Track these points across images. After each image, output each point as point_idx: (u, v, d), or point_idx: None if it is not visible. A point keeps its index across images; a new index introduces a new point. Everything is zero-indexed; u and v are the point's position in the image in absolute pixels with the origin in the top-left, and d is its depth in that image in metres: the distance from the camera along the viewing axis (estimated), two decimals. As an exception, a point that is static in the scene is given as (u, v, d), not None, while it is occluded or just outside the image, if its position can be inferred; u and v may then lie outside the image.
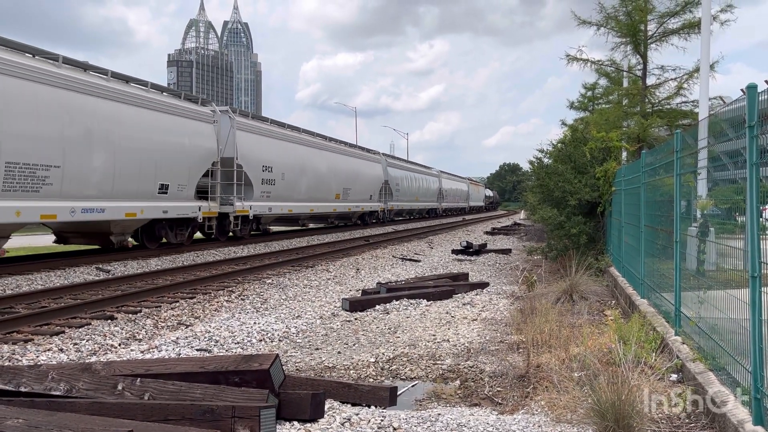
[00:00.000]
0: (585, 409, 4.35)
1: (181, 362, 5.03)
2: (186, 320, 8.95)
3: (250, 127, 22.22)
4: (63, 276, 13.10)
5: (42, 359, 6.71)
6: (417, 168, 49.48)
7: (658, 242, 7.45)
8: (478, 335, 8.01)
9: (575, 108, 27.06)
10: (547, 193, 15.68)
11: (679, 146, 6.34)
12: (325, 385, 5.16)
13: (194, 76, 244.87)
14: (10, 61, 12.57)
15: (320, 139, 29.88)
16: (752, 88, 3.89)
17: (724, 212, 5.62)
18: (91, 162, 14.53)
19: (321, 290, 12.02)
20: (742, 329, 4.11)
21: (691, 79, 15.73)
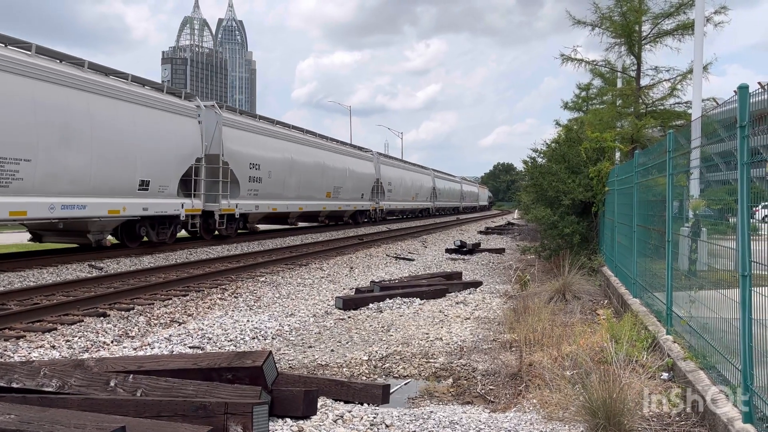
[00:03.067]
0: (576, 406, 4.38)
1: (174, 359, 5.02)
2: (179, 318, 8.94)
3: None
4: (55, 273, 13.05)
5: (34, 356, 6.69)
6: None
7: (650, 242, 7.49)
8: (471, 334, 8.03)
9: (569, 108, 27.14)
10: (541, 193, 15.72)
11: (672, 146, 6.37)
12: (318, 382, 5.17)
13: (189, 74, 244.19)
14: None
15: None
16: (743, 89, 3.92)
17: (716, 213, 5.65)
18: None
19: (314, 288, 12.02)
20: (732, 328, 4.14)
21: (684, 80, 15.79)
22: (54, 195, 13.61)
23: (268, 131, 24.37)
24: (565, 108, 27.12)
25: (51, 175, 13.48)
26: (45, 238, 16.35)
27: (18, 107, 12.70)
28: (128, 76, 16.86)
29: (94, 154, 14.70)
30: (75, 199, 14.18)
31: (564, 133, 18.97)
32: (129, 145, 15.98)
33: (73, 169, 14.13)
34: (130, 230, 17.22)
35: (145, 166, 16.62)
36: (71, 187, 14.12)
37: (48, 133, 13.39)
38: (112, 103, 15.50)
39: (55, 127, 13.59)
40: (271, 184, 23.50)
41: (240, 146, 21.42)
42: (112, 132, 15.35)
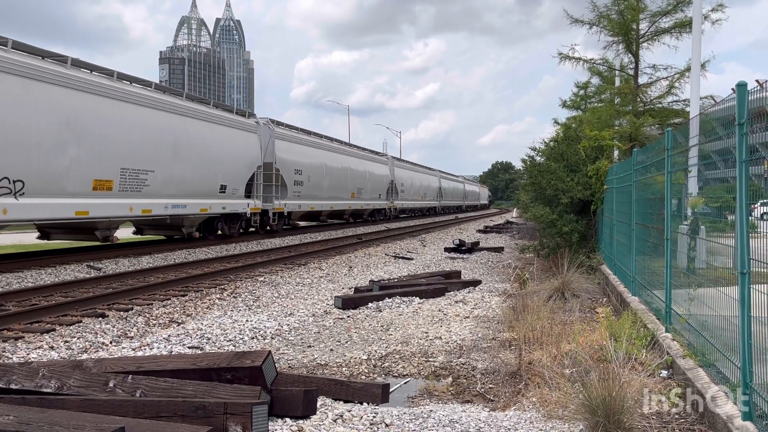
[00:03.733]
0: (576, 405, 4.37)
1: (173, 359, 5.01)
2: (178, 318, 8.93)
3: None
4: (54, 274, 13.04)
5: (33, 357, 6.68)
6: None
7: (649, 240, 7.49)
8: (471, 332, 8.03)
9: (567, 107, 27.11)
10: (540, 192, 15.73)
11: (670, 144, 6.37)
12: (318, 382, 5.17)
13: (186, 74, 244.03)
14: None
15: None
16: (742, 86, 3.92)
17: (714, 210, 5.66)
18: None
19: (314, 288, 12.02)
20: (731, 326, 4.15)
21: (682, 78, 15.80)
22: (167, 197, 17.64)
23: (307, 141, 28.25)
24: (563, 106, 27.08)
25: (165, 182, 17.46)
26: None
27: (149, 131, 16.80)
28: (210, 101, 21.73)
29: (191, 165, 18.73)
30: (179, 200, 18.20)
31: (562, 132, 18.97)
32: (213, 157, 19.95)
33: (178, 177, 18.11)
34: (210, 225, 21.16)
35: (223, 174, 20.60)
36: (177, 191, 18.09)
37: (164, 150, 17.45)
38: (201, 124, 19.70)
39: (168, 146, 17.67)
40: (309, 186, 27.40)
41: (287, 155, 25.35)
42: (202, 147, 19.44)
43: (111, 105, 15.43)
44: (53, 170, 13.79)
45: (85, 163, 14.60)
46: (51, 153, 13.71)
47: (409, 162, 52.33)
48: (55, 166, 13.82)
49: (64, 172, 14.06)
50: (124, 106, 15.89)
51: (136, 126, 16.24)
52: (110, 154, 15.33)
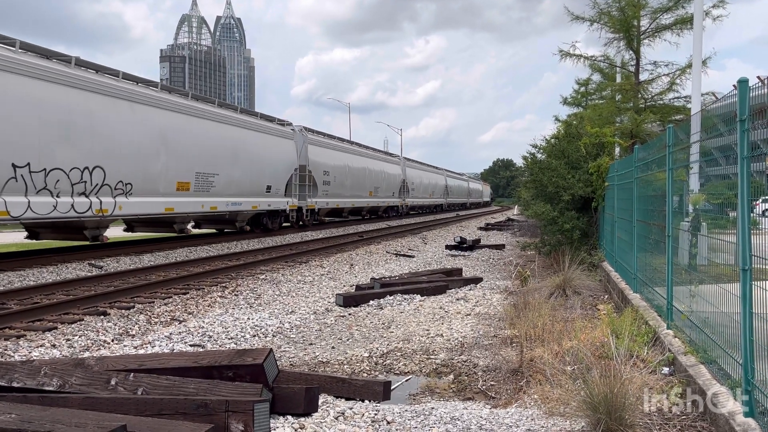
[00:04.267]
0: (577, 402, 4.37)
1: (175, 357, 5.02)
2: (179, 316, 8.94)
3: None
4: (55, 272, 13.05)
5: (34, 355, 6.68)
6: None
7: (650, 237, 7.49)
8: (472, 330, 8.03)
9: (568, 104, 27.08)
10: (541, 189, 15.72)
11: (671, 141, 6.36)
12: (319, 379, 5.17)
13: (187, 72, 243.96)
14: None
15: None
16: (743, 83, 3.91)
17: (716, 207, 5.64)
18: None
19: (315, 286, 12.02)
20: (733, 322, 4.14)
21: (683, 74, 15.79)
22: (227, 196, 21.09)
23: (332, 145, 32.08)
24: (564, 103, 27.06)
25: (227, 183, 20.87)
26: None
27: (215, 141, 20.30)
28: (258, 114, 25.28)
29: (245, 169, 22.15)
30: (236, 198, 21.69)
31: (563, 129, 18.95)
32: (261, 162, 23.35)
33: (236, 179, 21.51)
34: (256, 220, 24.45)
35: (269, 176, 24.06)
36: (235, 191, 21.53)
37: (226, 157, 20.91)
38: (252, 134, 23.17)
39: (229, 153, 21.17)
40: (335, 186, 31.04)
41: (318, 158, 28.99)
42: (253, 154, 22.85)
43: (189, 121, 19.13)
44: (150, 174, 17.13)
45: (171, 168, 18.01)
46: (149, 160, 17.07)
47: (419, 162, 54.82)
48: (151, 171, 17.18)
49: (157, 175, 17.43)
50: (198, 121, 19.66)
51: (206, 137, 19.88)
52: (188, 161, 18.79)
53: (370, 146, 40.70)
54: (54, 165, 14.05)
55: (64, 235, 16.95)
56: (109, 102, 15.78)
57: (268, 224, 24.74)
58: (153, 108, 17.36)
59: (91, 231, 16.33)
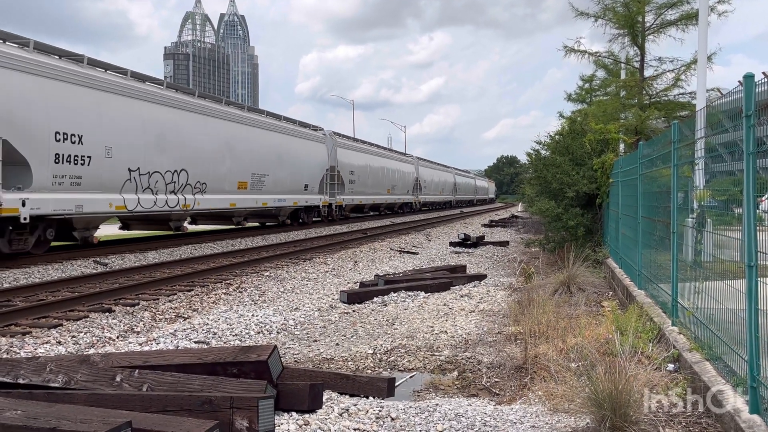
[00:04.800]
0: (582, 398, 4.36)
1: (180, 354, 5.03)
2: (184, 313, 8.96)
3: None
4: (61, 269, 13.09)
5: (40, 352, 6.71)
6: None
7: (655, 233, 7.46)
8: (476, 327, 8.03)
9: (573, 100, 27.03)
10: (545, 185, 15.68)
11: (676, 137, 6.34)
12: (323, 376, 5.18)
13: (191, 70, 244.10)
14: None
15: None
16: (749, 78, 3.89)
17: (721, 203, 5.62)
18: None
19: (319, 283, 12.03)
20: (738, 319, 4.13)
21: (688, 70, 15.72)
22: (274, 193, 24.62)
23: (356, 147, 36.32)
24: (568, 100, 27.03)
25: (274, 182, 24.56)
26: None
27: (266, 147, 24.12)
28: (296, 121, 28.54)
29: (288, 169, 25.89)
30: (281, 195, 25.34)
31: (568, 126, 18.90)
32: (300, 163, 27.18)
33: (281, 178, 25.25)
34: (295, 215, 27.99)
35: (306, 175, 27.94)
36: (280, 189, 25.20)
37: (273, 160, 24.65)
38: (293, 139, 27.04)
39: (275, 156, 24.91)
40: (359, 184, 35.10)
41: (345, 159, 33.28)
42: (294, 156, 26.66)
43: (245, 130, 22.82)
44: (219, 175, 20.63)
45: (234, 170, 21.61)
46: (217, 164, 20.59)
47: (430, 161, 58.16)
48: (219, 173, 20.71)
49: (223, 176, 20.97)
50: (252, 130, 23.40)
51: (258, 144, 23.48)
52: (246, 164, 22.39)
53: (386, 147, 46.13)
54: (154, 169, 17.41)
55: (151, 226, 20.12)
56: (189, 117, 19.34)
57: (304, 218, 28.55)
58: (220, 120, 21.11)
59: (174, 222, 19.80)
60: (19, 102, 13.20)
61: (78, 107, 14.76)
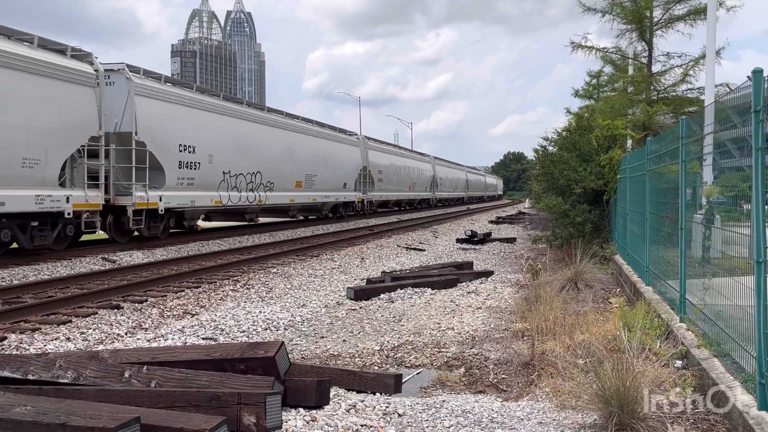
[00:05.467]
0: (589, 395, 4.36)
1: (187, 350, 5.06)
2: (191, 309, 9.00)
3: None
4: (69, 266, 13.17)
5: (49, 348, 6.76)
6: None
7: (663, 230, 7.43)
8: (483, 323, 8.03)
9: (580, 96, 26.95)
10: (552, 182, 15.63)
11: (685, 133, 6.30)
12: (330, 372, 5.19)
13: (198, 67, 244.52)
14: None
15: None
16: (758, 73, 3.87)
17: (729, 200, 5.59)
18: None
19: (326, 279, 12.05)
20: (747, 315, 4.11)
21: (697, 65, 15.62)
22: (322, 191, 28.94)
23: (383, 148, 40.42)
24: (575, 96, 26.95)
25: (321, 181, 28.77)
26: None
27: (315, 151, 28.15)
28: (336, 128, 32.90)
29: (331, 170, 29.92)
30: (327, 192, 29.58)
31: (575, 122, 18.84)
32: (340, 165, 31.38)
33: (326, 178, 29.40)
34: (335, 209, 31.97)
35: (345, 175, 32.21)
36: (326, 187, 29.30)
37: (320, 162, 28.60)
38: (334, 144, 31.11)
39: (322, 159, 28.96)
40: (385, 182, 39.26)
41: (374, 159, 37.41)
42: (336, 158, 30.83)
43: (300, 137, 27.09)
44: (282, 175, 24.89)
45: (293, 171, 25.95)
46: (281, 166, 24.80)
47: (445, 160, 62.03)
48: (283, 173, 25.01)
49: (285, 176, 25.27)
50: (305, 137, 27.67)
51: (310, 148, 27.64)
52: (301, 166, 26.54)
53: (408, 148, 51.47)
54: (239, 171, 21.69)
55: (229, 218, 24.22)
56: (262, 128, 23.76)
57: (342, 212, 32.66)
58: (283, 130, 25.51)
59: (249, 215, 24.35)
60: (157, 123, 17.17)
61: (192, 125, 18.95)
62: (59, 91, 13.92)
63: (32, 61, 13.26)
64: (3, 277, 11.50)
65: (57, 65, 13.96)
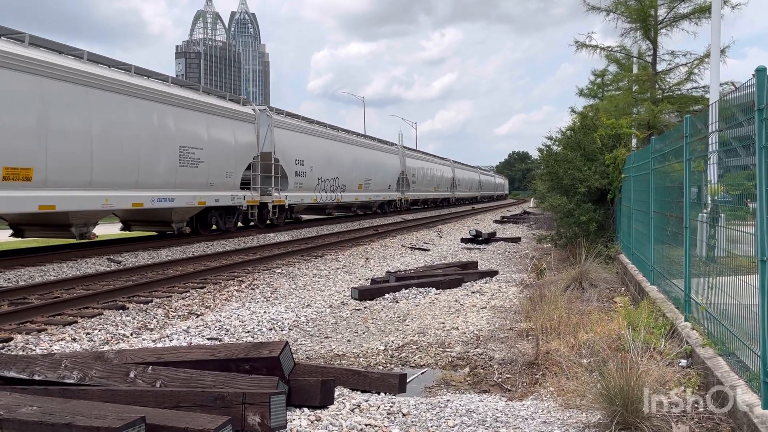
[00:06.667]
0: (593, 394, 4.36)
1: (192, 350, 5.08)
2: (197, 310, 9.02)
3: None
4: (75, 267, 13.22)
5: (55, 348, 6.79)
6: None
7: (667, 229, 7.42)
8: (488, 323, 8.02)
9: (585, 95, 26.91)
10: (557, 181, 15.59)
11: (689, 131, 6.29)
12: (335, 372, 5.20)
13: (202, 68, 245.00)
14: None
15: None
16: (761, 71, 3.86)
17: (734, 198, 5.57)
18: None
19: (330, 279, 12.06)
20: (751, 314, 4.10)
21: (701, 64, 15.60)
22: (374, 191, 35.20)
23: (415, 155, 46.91)
24: (580, 95, 26.92)
25: (374, 183, 35.12)
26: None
27: (370, 160, 34.48)
28: (383, 141, 39.92)
29: (380, 174, 36.46)
30: (377, 192, 35.71)
31: (579, 121, 18.80)
32: (386, 170, 37.77)
33: (377, 181, 35.65)
34: (382, 206, 37.81)
35: (389, 178, 38.43)
36: (376, 188, 35.64)
37: (374, 169, 35.27)
38: (382, 153, 37.70)
39: (375, 166, 35.37)
40: (417, 184, 45.02)
41: (410, 164, 43.31)
42: (384, 165, 37.37)
43: (363, 150, 34.06)
44: (350, 179, 31.13)
45: (357, 176, 32.31)
46: (350, 172, 31.15)
47: (462, 163, 68.09)
48: (351, 178, 31.17)
49: (352, 180, 31.49)
50: (366, 149, 34.71)
51: (368, 158, 34.49)
52: (362, 171, 33.08)
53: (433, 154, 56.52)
54: (327, 177, 28.14)
55: (313, 212, 30.89)
56: (339, 145, 30.38)
57: (386, 209, 38.65)
58: (351, 145, 32.16)
59: (329, 210, 31.30)
60: (284, 145, 24.06)
61: (301, 145, 25.79)
62: (239, 127, 21.06)
63: (226, 110, 20.51)
64: (9, 278, 11.56)
65: (238, 111, 21.28)
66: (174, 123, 17.30)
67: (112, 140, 14.89)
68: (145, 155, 16.04)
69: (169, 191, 17.02)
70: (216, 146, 19.21)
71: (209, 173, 18.86)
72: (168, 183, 17.05)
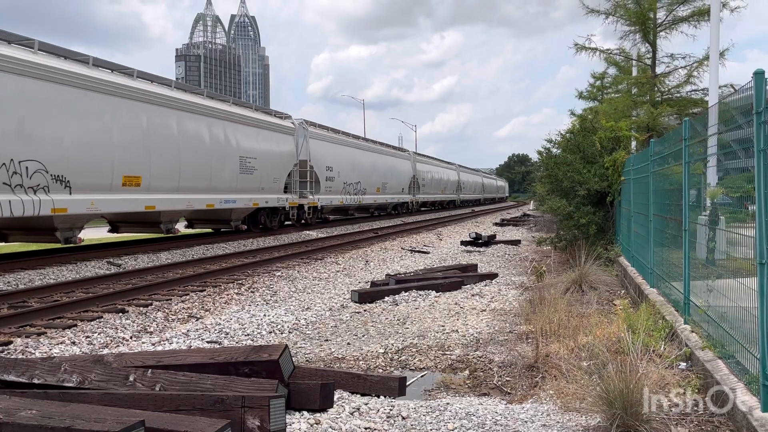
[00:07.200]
0: (593, 397, 4.36)
1: (192, 354, 5.07)
2: (196, 313, 9.02)
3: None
4: (75, 270, 13.22)
5: (55, 352, 6.78)
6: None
7: (667, 231, 7.42)
8: (487, 326, 8.02)
9: (584, 98, 26.95)
10: (556, 184, 15.60)
11: (688, 134, 6.30)
12: (335, 375, 5.20)
13: (202, 71, 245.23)
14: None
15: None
16: (759, 74, 3.87)
17: (734, 201, 5.58)
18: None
19: (330, 282, 12.06)
20: (751, 317, 4.10)
21: (701, 67, 15.60)
22: (389, 194, 38.29)
23: (425, 160, 49.73)
24: (579, 98, 26.96)
25: (389, 187, 38.23)
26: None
27: (387, 166, 38.79)
28: (397, 147, 44.66)
29: (395, 179, 39.74)
30: (392, 195, 38.94)
31: (578, 123, 18.82)
32: (399, 175, 40.78)
33: (392, 185, 38.66)
34: (396, 207, 40.98)
35: (402, 182, 41.40)
36: (391, 191, 38.54)
37: (389, 173, 38.54)
38: (396, 159, 41.29)
39: (390, 171, 38.87)
40: (426, 187, 48.01)
41: (420, 169, 46.35)
42: (397, 170, 40.67)
43: (380, 156, 37.33)
44: (370, 183, 34.57)
45: (376, 180, 35.70)
46: (369, 176, 34.58)
47: (466, 167, 71.15)
48: (370, 182, 34.59)
49: (371, 184, 34.84)
50: (382, 156, 38.03)
51: (384, 164, 37.74)
52: (379, 176, 36.45)
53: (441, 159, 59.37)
54: (351, 181, 31.38)
55: (338, 213, 32.82)
56: (361, 152, 33.86)
57: (400, 211, 41.62)
58: (370, 152, 35.62)
59: (351, 211, 33.84)
60: (317, 152, 27.21)
61: (331, 152, 29.11)
62: (282, 138, 23.98)
63: (273, 124, 23.37)
64: (9, 282, 11.56)
65: (281, 125, 24.10)
66: (235, 137, 20.56)
67: (193, 154, 18.00)
68: (215, 165, 19.26)
69: (232, 194, 20.15)
70: (266, 156, 22.35)
71: (261, 179, 21.98)
72: (231, 188, 20.14)
